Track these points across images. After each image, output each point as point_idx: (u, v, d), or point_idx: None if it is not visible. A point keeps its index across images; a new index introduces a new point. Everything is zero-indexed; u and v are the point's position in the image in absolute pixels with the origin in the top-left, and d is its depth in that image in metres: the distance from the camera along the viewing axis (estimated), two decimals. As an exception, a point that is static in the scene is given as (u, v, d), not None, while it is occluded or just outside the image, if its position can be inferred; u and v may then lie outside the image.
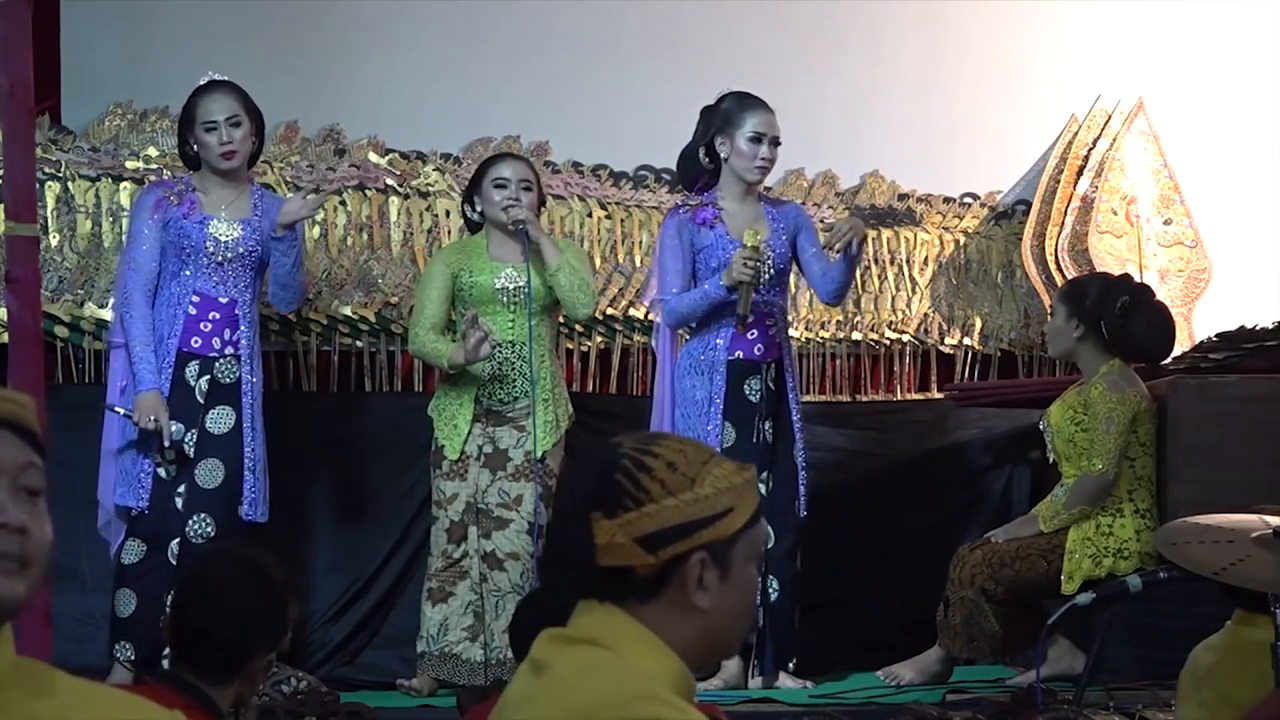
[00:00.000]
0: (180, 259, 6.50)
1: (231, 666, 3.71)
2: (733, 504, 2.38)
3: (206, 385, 6.48)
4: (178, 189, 6.59)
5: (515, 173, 6.77)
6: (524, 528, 6.64)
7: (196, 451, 6.45)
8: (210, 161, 6.54)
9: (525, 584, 6.62)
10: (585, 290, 6.69)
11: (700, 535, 2.35)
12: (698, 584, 2.35)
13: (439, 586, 6.70)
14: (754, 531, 2.41)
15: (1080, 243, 7.95)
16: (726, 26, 7.85)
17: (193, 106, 6.56)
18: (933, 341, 8.06)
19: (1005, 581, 6.53)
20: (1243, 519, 3.95)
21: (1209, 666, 4.16)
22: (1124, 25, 8.10)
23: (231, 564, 3.81)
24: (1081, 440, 6.57)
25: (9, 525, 2.10)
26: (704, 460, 2.39)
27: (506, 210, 6.68)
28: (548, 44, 7.78)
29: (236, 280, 6.55)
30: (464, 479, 6.70)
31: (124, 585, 6.42)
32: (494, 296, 6.72)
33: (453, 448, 6.70)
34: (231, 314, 6.52)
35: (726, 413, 6.69)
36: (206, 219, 6.52)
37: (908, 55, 8.02)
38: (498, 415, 6.71)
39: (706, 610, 2.36)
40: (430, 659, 6.68)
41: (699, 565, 2.35)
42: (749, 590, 2.41)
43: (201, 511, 6.40)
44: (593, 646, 2.33)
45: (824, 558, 7.09)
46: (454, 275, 6.76)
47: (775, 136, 6.71)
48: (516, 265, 6.70)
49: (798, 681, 6.67)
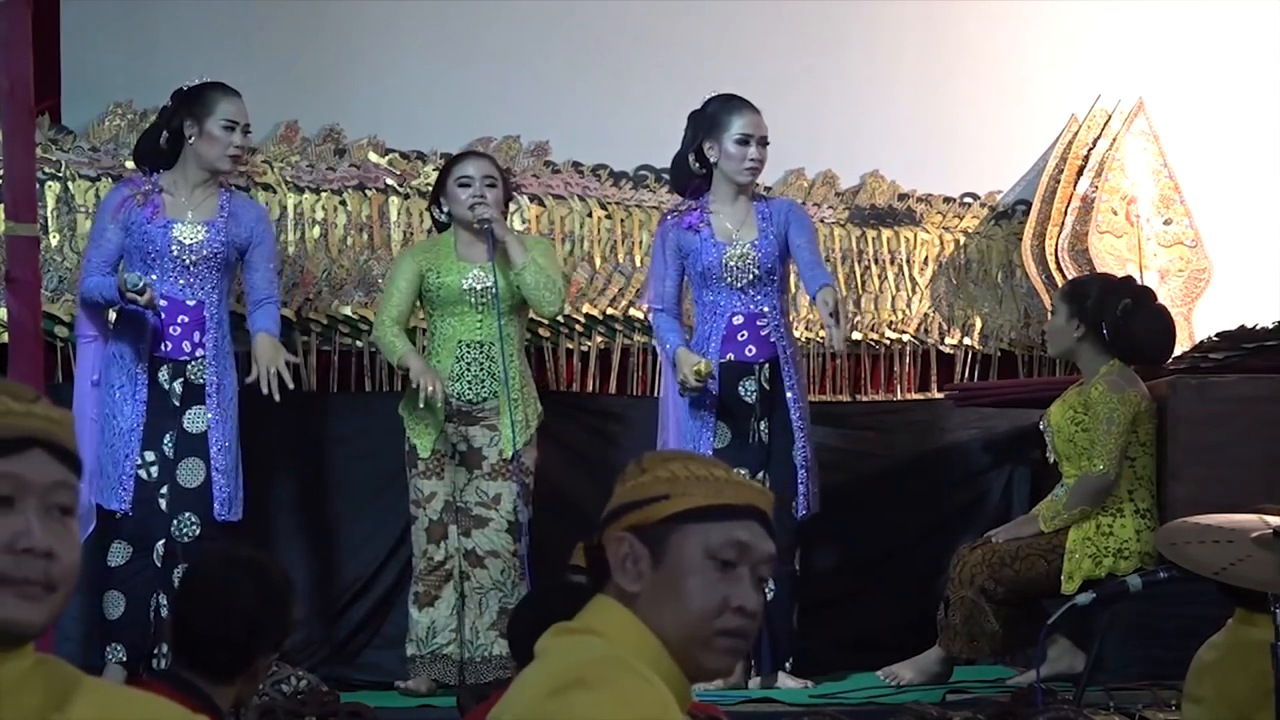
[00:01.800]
0: (145, 264, 6.47)
1: (235, 667, 3.72)
2: (668, 492, 2.44)
3: (181, 388, 6.46)
4: (145, 189, 6.54)
5: (479, 170, 6.75)
6: (503, 526, 6.65)
7: (176, 452, 6.43)
8: (211, 159, 6.51)
9: (507, 581, 6.63)
10: (552, 288, 6.68)
11: (627, 517, 2.46)
12: (621, 564, 2.44)
13: (425, 590, 6.70)
14: (708, 527, 2.45)
15: (1080, 243, 7.95)
16: (726, 26, 7.85)
17: (207, 100, 6.51)
18: (933, 341, 8.05)
19: (1005, 581, 6.53)
20: (1243, 519, 3.96)
21: (1210, 664, 4.17)
22: (1124, 25, 8.09)
23: (234, 565, 3.81)
24: (1082, 440, 6.57)
25: (35, 550, 2.07)
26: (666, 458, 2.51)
27: (471, 209, 6.67)
28: (548, 44, 7.78)
29: (203, 282, 6.52)
30: (440, 477, 6.70)
31: (111, 588, 6.41)
32: (461, 297, 6.72)
33: (424, 446, 6.70)
34: (200, 316, 6.50)
35: (720, 413, 6.71)
36: (170, 222, 6.49)
37: (908, 55, 8.02)
38: (467, 415, 6.71)
39: (636, 594, 2.43)
40: (422, 662, 6.69)
41: (621, 545, 2.45)
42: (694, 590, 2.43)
43: (186, 511, 6.40)
44: (588, 634, 2.42)
45: (824, 558, 7.09)
46: (422, 274, 6.75)
47: (762, 136, 6.71)
48: (484, 265, 6.68)
49: (796, 681, 6.67)
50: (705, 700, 4.73)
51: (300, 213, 7.55)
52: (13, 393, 2.11)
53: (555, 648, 2.41)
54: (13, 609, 2.05)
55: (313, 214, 7.56)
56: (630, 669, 2.31)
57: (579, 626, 2.44)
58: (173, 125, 6.55)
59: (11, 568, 2.06)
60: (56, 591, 2.09)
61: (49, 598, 2.08)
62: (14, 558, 2.06)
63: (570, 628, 2.45)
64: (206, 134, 6.49)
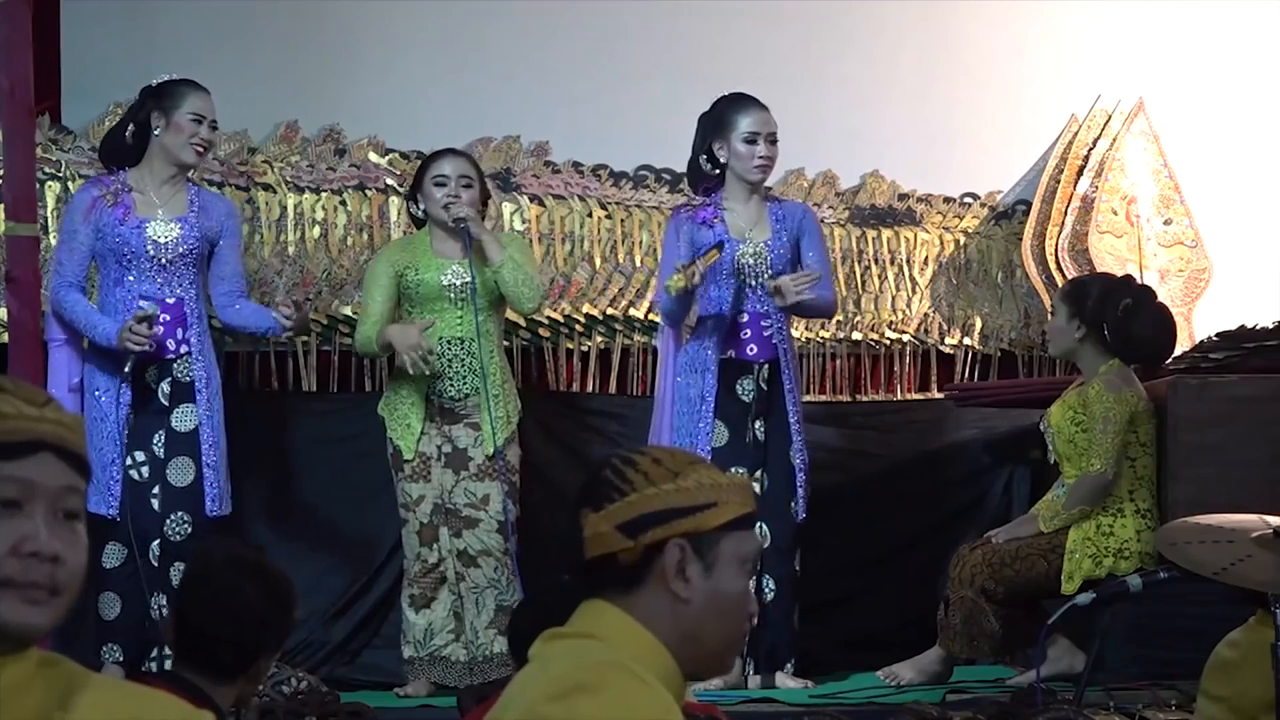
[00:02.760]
0: (121, 265, 6.45)
1: (237, 667, 3.72)
2: (716, 499, 2.44)
3: (169, 387, 6.45)
4: (113, 188, 6.51)
5: (455, 169, 6.75)
6: (494, 526, 6.65)
7: (166, 451, 6.43)
8: (176, 150, 6.46)
9: (501, 579, 6.63)
10: (529, 285, 6.68)
11: (679, 523, 2.43)
12: (677, 572, 2.42)
13: (420, 593, 6.71)
14: (742, 535, 2.47)
15: (1080, 243, 7.95)
16: (726, 27, 7.85)
17: (175, 94, 6.48)
18: (933, 341, 8.05)
19: (1005, 581, 6.53)
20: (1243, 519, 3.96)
21: (1229, 662, 4.15)
22: (1124, 25, 8.09)
23: (236, 565, 3.81)
24: (1082, 441, 6.57)
25: (41, 554, 2.06)
26: (690, 460, 2.49)
27: (446, 208, 6.67)
28: (548, 44, 7.78)
29: (181, 279, 6.50)
30: (428, 480, 6.70)
31: (108, 589, 6.41)
32: (440, 293, 6.71)
33: (407, 446, 6.70)
34: (181, 313, 6.48)
35: (718, 411, 6.71)
36: (143, 222, 6.46)
37: (908, 55, 8.02)
38: (450, 413, 6.70)
39: (688, 601, 2.41)
40: (420, 664, 6.69)
41: (678, 552, 2.42)
42: (738, 598, 2.46)
43: (178, 510, 6.39)
44: (585, 638, 2.41)
45: (824, 558, 7.09)
46: (399, 274, 6.74)
47: (771, 133, 6.71)
48: (461, 262, 6.68)
49: (795, 681, 6.67)
50: (705, 700, 4.73)
51: (300, 213, 7.55)
52: (25, 396, 2.11)
53: (553, 652, 2.40)
54: (17, 612, 2.05)
55: (313, 214, 7.57)
56: (631, 673, 2.31)
57: (574, 631, 2.43)
58: (139, 119, 6.52)
59: (17, 571, 2.05)
60: (61, 596, 2.08)
61: (53, 602, 2.08)
62: (20, 561, 2.06)
63: (565, 632, 2.43)
64: (174, 125, 6.44)
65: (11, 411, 2.08)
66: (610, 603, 2.43)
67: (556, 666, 2.34)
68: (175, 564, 6.28)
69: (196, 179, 6.72)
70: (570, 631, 2.43)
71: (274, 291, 7.42)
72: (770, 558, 6.60)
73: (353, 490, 7.25)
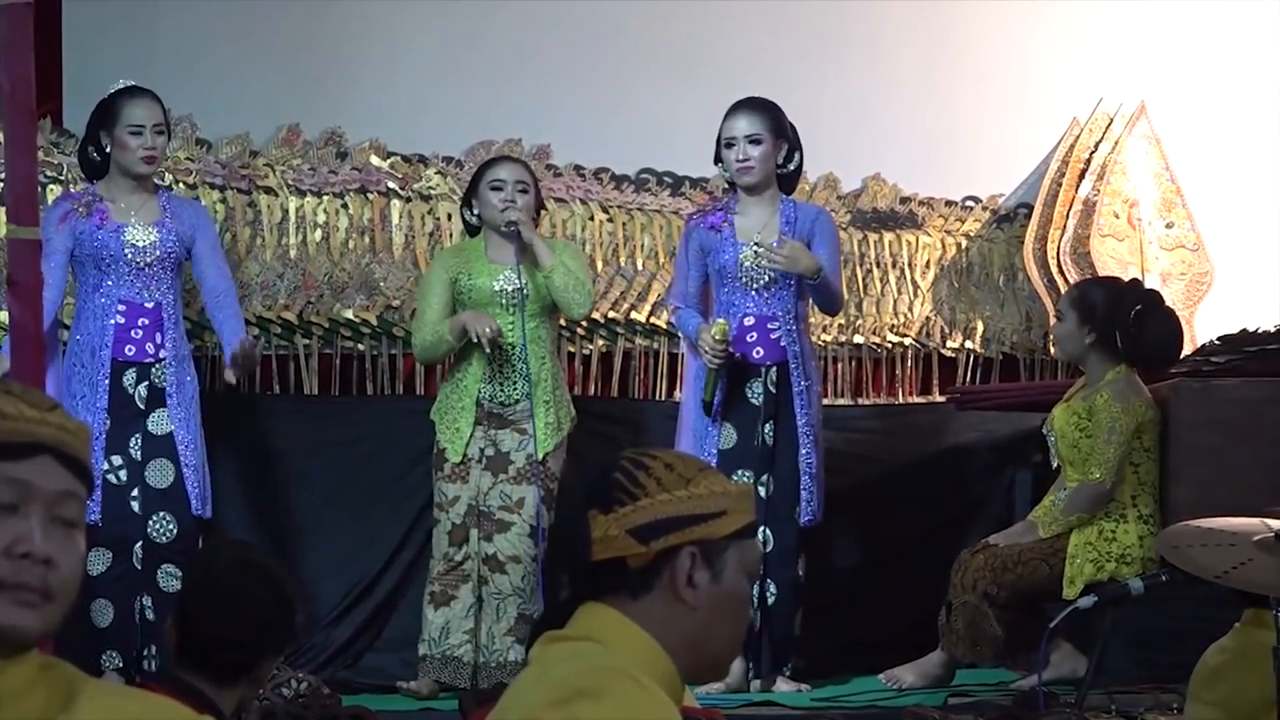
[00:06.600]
0: (100, 270, 6.52)
1: (240, 670, 3.71)
2: (726, 508, 2.44)
3: (145, 391, 6.50)
4: (85, 200, 6.60)
5: (511, 175, 6.79)
6: (525, 530, 6.65)
7: (144, 454, 6.47)
8: (127, 165, 6.55)
9: (526, 587, 6.63)
10: (580, 290, 6.70)
11: (692, 530, 2.42)
12: (688, 580, 2.41)
13: (441, 590, 6.71)
14: (747, 543, 2.48)
15: (1082, 246, 7.95)
16: (727, 29, 7.85)
17: (114, 109, 6.56)
18: (934, 345, 8.05)
19: (1007, 585, 6.52)
20: (1245, 522, 3.95)
21: (1218, 667, 4.16)
22: (1126, 28, 8.09)
23: (240, 567, 3.81)
24: (1085, 446, 6.56)
25: (34, 555, 2.06)
26: (700, 467, 2.48)
27: (502, 212, 6.70)
28: (549, 47, 7.78)
29: (159, 284, 6.56)
30: (465, 481, 6.71)
31: (98, 595, 6.41)
32: (492, 299, 6.74)
33: (454, 450, 6.71)
34: (158, 317, 6.54)
35: (726, 414, 6.71)
36: (120, 227, 6.54)
37: (909, 58, 8.02)
38: (499, 418, 6.72)
39: (696, 608, 2.41)
40: (432, 662, 6.69)
41: (689, 559, 2.41)
42: (741, 604, 2.47)
43: (160, 511, 6.44)
44: (584, 641, 2.40)
45: (826, 561, 7.09)
46: (453, 279, 6.78)
47: (751, 135, 6.72)
48: (514, 267, 6.70)
49: (795, 685, 6.66)
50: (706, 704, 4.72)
51: (302, 216, 7.56)
52: (30, 400, 2.11)
53: (553, 655, 2.39)
54: (7, 614, 2.05)
55: (314, 217, 7.57)
56: (631, 677, 2.30)
57: (574, 634, 2.42)
58: (92, 139, 6.64)
59: (9, 573, 2.05)
60: (54, 601, 2.07)
61: (45, 606, 2.07)
62: (12, 563, 2.05)
63: (565, 635, 2.42)
64: (117, 141, 6.56)
65: (12, 413, 2.08)
66: (611, 606, 2.42)
67: (557, 670, 2.33)
68: (162, 565, 6.36)
69: (196, 181, 6.74)
70: (570, 634, 2.42)
71: (276, 295, 7.43)
72: (773, 562, 6.60)
73: (354, 493, 7.25)
